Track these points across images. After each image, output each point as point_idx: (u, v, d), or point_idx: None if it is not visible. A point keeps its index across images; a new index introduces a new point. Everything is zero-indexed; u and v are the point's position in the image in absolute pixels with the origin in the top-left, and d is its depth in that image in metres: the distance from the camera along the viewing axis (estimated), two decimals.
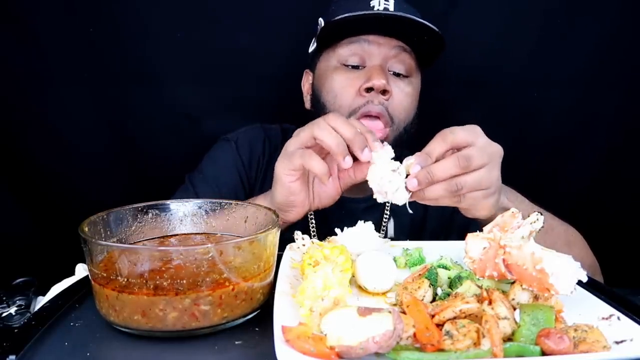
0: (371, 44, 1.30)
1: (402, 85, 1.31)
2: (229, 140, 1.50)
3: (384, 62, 1.30)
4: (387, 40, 1.30)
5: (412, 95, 1.34)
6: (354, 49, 1.31)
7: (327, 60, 1.36)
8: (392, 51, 1.31)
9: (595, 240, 1.31)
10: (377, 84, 1.24)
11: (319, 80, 1.38)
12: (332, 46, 1.34)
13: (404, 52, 1.32)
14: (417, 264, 0.97)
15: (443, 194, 0.95)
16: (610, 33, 1.65)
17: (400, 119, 1.31)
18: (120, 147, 1.71)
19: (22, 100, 1.59)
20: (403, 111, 1.31)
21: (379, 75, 1.25)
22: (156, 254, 0.76)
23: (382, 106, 1.26)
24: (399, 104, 1.30)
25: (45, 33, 1.55)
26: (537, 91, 1.73)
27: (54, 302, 0.81)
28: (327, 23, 1.32)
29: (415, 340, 0.67)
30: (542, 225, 0.79)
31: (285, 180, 1.05)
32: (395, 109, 1.29)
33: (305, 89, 1.50)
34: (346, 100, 1.29)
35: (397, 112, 1.30)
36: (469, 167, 0.94)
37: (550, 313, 0.69)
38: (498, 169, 0.99)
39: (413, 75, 1.35)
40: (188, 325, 0.71)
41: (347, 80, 1.30)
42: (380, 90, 1.25)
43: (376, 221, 1.29)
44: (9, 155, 1.61)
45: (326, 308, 0.70)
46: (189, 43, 1.63)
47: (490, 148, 0.98)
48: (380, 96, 1.26)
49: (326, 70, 1.35)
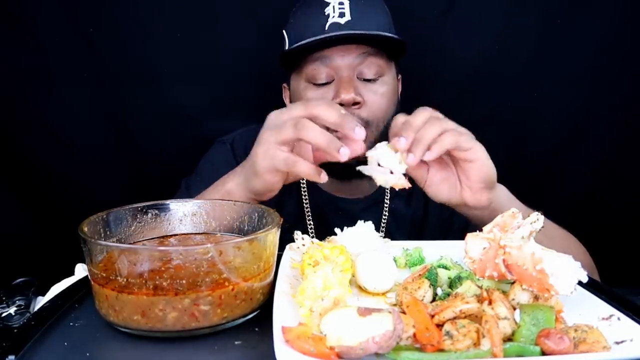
0: (334, 58, 1.28)
1: (374, 88, 1.30)
2: (225, 142, 1.50)
3: (352, 72, 1.28)
4: (350, 50, 1.27)
5: (387, 94, 1.32)
6: (318, 67, 1.29)
7: (297, 80, 1.35)
8: (356, 59, 1.28)
9: (595, 240, 1.31)
10: (345, 98, 1.23)
11: (294, 100, 1.38)
12: (298, 65, 1.33)
13: (370, 56, 1.29)
14: (417, 264, 0.97)
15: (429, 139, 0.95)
16: (610, 33, 1.65)
17: (378, 119, 1.30)
18: (120, 147, 1.71)
19: (22, 100, 1.59)
20: (379, 112, 1.30)
21: (346, 89, 1.24)
22: (156, 254, 0.76)
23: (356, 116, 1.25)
24: (373, 107, 1.29)
25: (45, 33, 1.55)
26: (537, 91, 1.72)
27: (53, 302, 0.81)
28: (286, 51, 1.32)
29: (415, 341, 0.67)
30: (542, 225, 0.79)
31: (267, 178, 1.02)
32: (371, 113, 1.29)
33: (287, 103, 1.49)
34: None
35: (373, 115, 1.29)
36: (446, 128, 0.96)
37: (550, 313, 0.69)
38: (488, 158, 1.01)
39: (385, 74, 1.32)
40: (188, 325, 0.71)
41: (318, 98, 1.29)
42: (350, 103, 1.25)
43: (375, 221, 1.29)
44: (9, 155, 1.61)
45: (326, 308, 0.70)
46: (189, 43, 1.63)
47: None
48: (352, 108, 1.26)
49: (297, 89, 1.35)
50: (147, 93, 1.66)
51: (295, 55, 1.30)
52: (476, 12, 1.65)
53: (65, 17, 1.54)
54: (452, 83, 1.73)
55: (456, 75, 1.71)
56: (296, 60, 1.32)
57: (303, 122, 0.94)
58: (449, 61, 1.67)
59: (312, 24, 1.27)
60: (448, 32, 1.65)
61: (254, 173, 1.03)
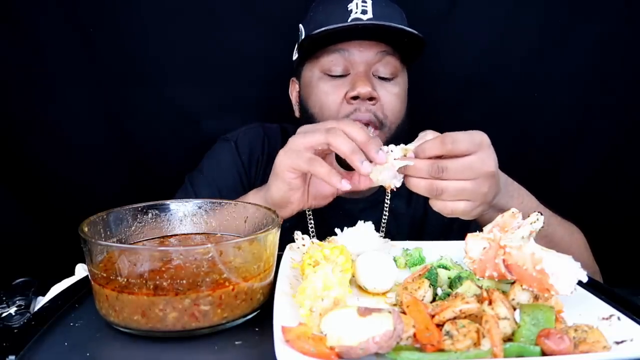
0: (353, 52, 1.28)
1: (389, 87, 1.30)
2: (229, 140, 1.50)
3: (368, 68, 1.29)
4: (369, 46, 1.28)
5: (400, 95, 1.33)
6: (336, 59, 1.29)
7: (311, 70, 1.34)
8: (375, 56, 1.29)
9: (595, 239, 1.31)
10: (362, 92, 1.23)
11: (305, 91, 1.37)
12: (315, 56, 1.32)
13: (388, 56, 1.30)
14: (417, 264, 0.97)
15: (424, 191, 0.97)
16: (610, 32, 1.65)
17: (391, 121, 1.30)
18: (121, 147, 1.71)
19: (22, 100, 1.59)
20: (392, 113, 1.30)
21: (364, 83, 1.24)
22: (156, 254, 0.76)
23: (370, 112, 1.25)
24: (388, 107, 1.29)
25: (46, 33, 1.54)
26: (538, 90, 1.72)
27: (53, 302, 0.81)
28: (306, 36, 1.30)
29: (415, 341, 0.67)
30: (542, 225, 0.79)
31: (286, 177, 1.04)
32: (385, 113, 1.28)
33: (293, 97, 1.49)
34: (333, 109, 1.28)
35: (387, 115, 1.29)
36: (441, 176, 0.94)
37: (551, 313, 0.69)
38: (489, 186, 0.98)
39: (399, 75, 1.33)
40: (188, 325, 0.71)
41: (332, 89, 1.29)
42: (367, 97, 1.24)
43: (376, 221, 1.29)
44: (9, 155, 1.61)
45: (326, 308, 0.70)
46: (189, 43, 1.63)
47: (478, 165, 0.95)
48: (367, 103, 1.25)
49: (310, 80, 1.34)
50: (147, 93, 1.66)
51: (312, 44, 1.29)
52: (476, 12, 1.65)
53: (65, 17, 1.54)
54: (454, 81, 1.72)
55: (458, 73, 1.71)
56: (313, 49, 1.31)
57: (335, 130, 0.98)
58: (449, 61, 1.67)
59: (334, 17, 1.27)
60: (448, 31, 1.65)
61: (274, 175, 1.06)
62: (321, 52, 1.30)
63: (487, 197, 0.99)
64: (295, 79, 1.46)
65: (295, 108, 1.49)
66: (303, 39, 1.34)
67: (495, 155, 0.98)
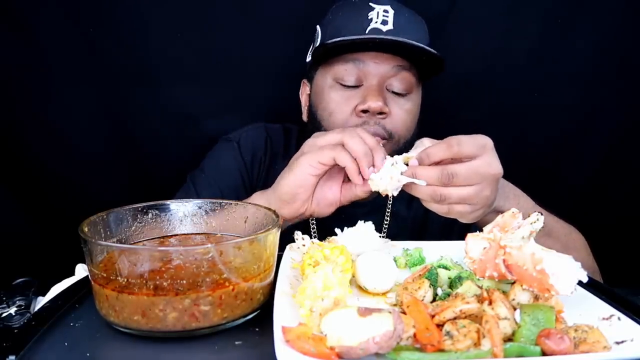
0: (368, 64, 1.25)
1: (401, 103, 1.28)
2: (231, 140, 1.49)
3: (382, 81, 1.26)
4: (385, 59, 1.25)
5: (412, 111, 1.31)
6: (350, 68, 1.26)
7: (324, 76, 1.32)
8: (390, 70, 1.26)
9: (595, 239, 1.31)
10: (373, 106, 1.22)
11: (316, 96, 1.35)
12: (329, 62, 1.30)
13: (404, 71, 1.26)
14: (417, 264, 0.97)
15: (427, 198, 0.98)
16: (610, 32, 1.65)
17: (400, 135, 1.28)
18: (121, 147, 1.70)
19: (22, 100, 1.59)
20: (402, 128, 1.28)
21: (376, 97, 1.22)
22: (156, 254, 0.76)
23: (379, 125, 1.24)
24: (398, 121, 1.27)
25: (45, 33, 1.54)
26: (538, 91, 1.72)
27: (54, 302, 0.81)
28: (321, 44, 1.29)
29: (415, 341, 0.67)
30: (542, 225, 0.79)
31: (306, 171, 1.04)
32: (395, 127, 1.27)
33: (303, 100, 1.47)
34: (342, 119, 1.27)
35: (397, 129, 1.27)
36: (451, 183, 0.95)
37: (551, 313, 0.69)
38: (491, 190, 0.99)
39: (413, 91, 1.30)
40: (188, 325, 0.71)
41: (343, 100, 1.27)
42: (377, 112, 1.23)
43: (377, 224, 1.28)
44: (9, 155, 1.61)
45: (326, 308, 0.70)
46: (189, 43, 1.63)
47: (485, 169, 0.96)
48: (376, 117, 1.24)
49: (322, 86, 1.32)
50: (148, 93, 1.66)
51: (328, 50, 1.26)
52: (476, 12, 1.65)
53: (65, 17, 1.54)
54: (452, 83, 1.72)
55: (456, 76, 1.71)
56: (327, 56, 1.29)
57: (352, 130, 1.03)
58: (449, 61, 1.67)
59: (353, 24, 1.25)
60: (447, 32, 1.65)
61: (289, 169, 1.07)
62: (335, 59, 1.28)
63: (489, 200, 1.00)
64: (307, 82, 1.44)
65: (303, 110, 1.47)
66: (318, 46, 1.31)
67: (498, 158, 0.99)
